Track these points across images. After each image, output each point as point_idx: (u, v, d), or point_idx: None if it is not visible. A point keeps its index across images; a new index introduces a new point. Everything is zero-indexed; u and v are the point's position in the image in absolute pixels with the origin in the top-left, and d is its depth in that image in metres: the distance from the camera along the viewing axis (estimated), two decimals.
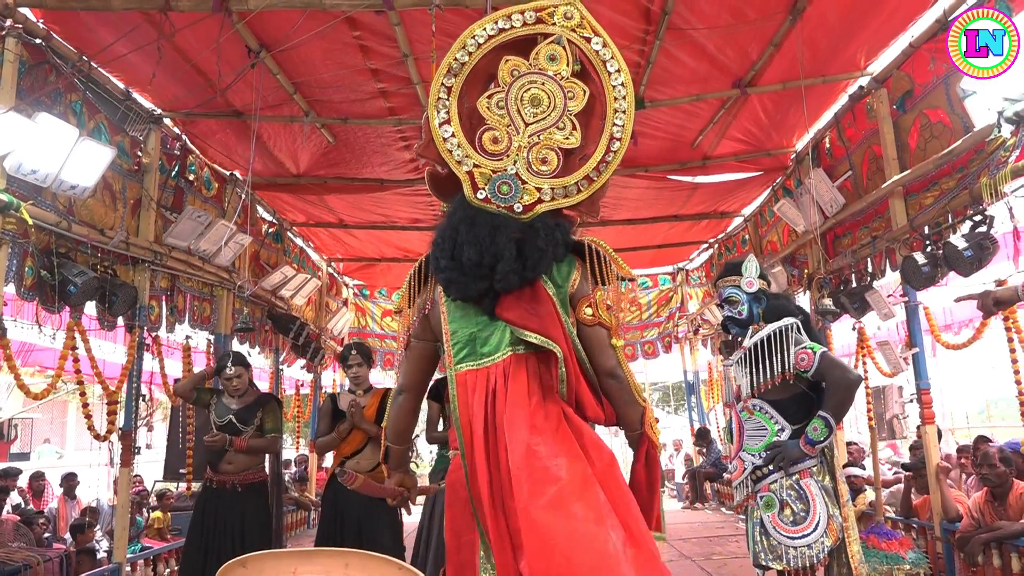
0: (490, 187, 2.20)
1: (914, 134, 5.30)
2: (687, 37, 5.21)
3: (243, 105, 5.89)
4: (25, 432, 18.66)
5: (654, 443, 2.27)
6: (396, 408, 2.49)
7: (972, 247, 4.49)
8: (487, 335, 2.22)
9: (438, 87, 2.24)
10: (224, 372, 4.86)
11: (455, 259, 2.18)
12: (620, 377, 2.23)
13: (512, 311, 2.19)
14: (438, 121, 2.23)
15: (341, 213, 8.66)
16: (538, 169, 2.22)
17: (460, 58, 2.24)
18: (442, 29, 4.43)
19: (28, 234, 4.25)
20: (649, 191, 8.07)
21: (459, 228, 2.19)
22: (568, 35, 2.26)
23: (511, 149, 2.22)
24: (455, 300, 2.25)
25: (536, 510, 1.94)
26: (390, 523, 4.78)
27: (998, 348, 5.15)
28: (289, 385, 10.75)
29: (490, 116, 2.24)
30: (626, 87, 2.26)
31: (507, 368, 2.18)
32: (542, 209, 2.22)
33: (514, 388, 2.15)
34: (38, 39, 4.39)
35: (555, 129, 2.23)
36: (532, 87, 2.24)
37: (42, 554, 5.13)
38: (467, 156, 2.22)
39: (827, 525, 3.18)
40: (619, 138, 2.25)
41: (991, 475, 4.83)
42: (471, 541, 2.15)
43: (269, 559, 2.08)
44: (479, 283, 2.17)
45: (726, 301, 3.61)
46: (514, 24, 2.26)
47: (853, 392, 3.31)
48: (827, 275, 6.81)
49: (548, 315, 2.17)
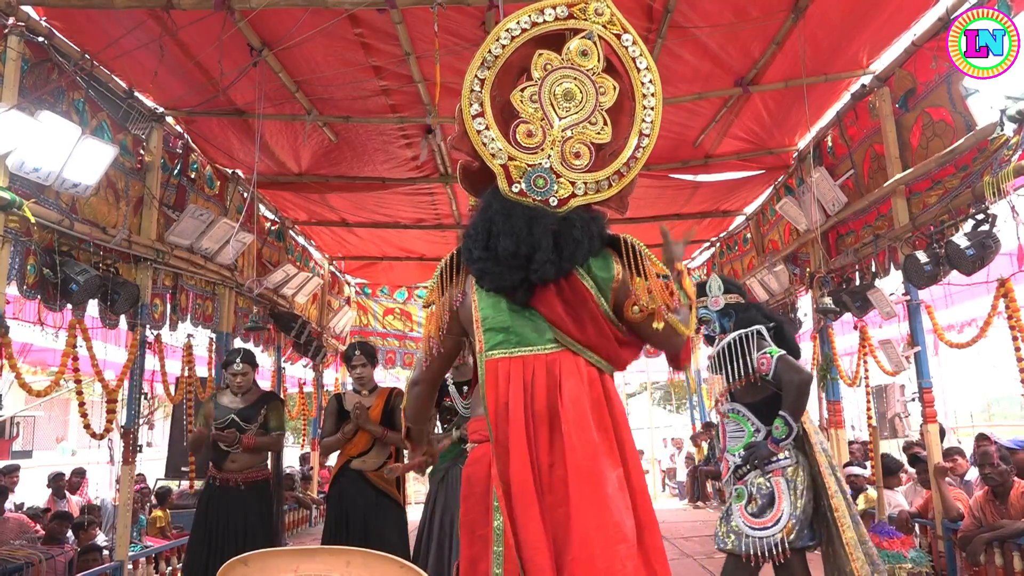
0: (526, 180, 2.21)
1: (916, 133, 5.30)
2: (689, 35, 5.21)
3: (245, 103, 5.89)
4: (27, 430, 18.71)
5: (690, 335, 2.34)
6: (412, 397, 2.58)
7: (974, 245, 4.48)
8: (522, 324, 2.21)
9: (472, 79, 2.24)
10: (232, 367, 4.87)
11: (489, 249, 2.17)
12: (678, 346, 2.33)
13: (548, 307, 2.20)
14: (472, 113, 2.22)
15: (343, 212, 8.66)
16: (571, 163, 2.23)
17: (494, 51, 2.24)
18: (444, 27, 4.43)
19: (30, 232, 4.26)
20: (651, 190, 8.06)
21: (495, 219, 2.19)
22: (600, 31, 2.27)
23: (545, 143, 2.23)
24: (488, 291, 2.25)
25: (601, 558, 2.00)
26: (396, 521, 4.78)
27: (1000, 347, 5.15)
28: (291, 383, 10.76)
29: (524, 109, 2.24)
30: (655, 84, 2.29)
31: (552, 362, 2.18)
32: (576, 203, 2.23)
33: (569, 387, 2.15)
34: (41, 37, 4.40)
35: (588, 124, 2.24)
36: (565, 81, 2.25)
37: (46, 551, 5.14)
38: (501, 149, 2.22)
39: (785, 523, 3.39)
40: (648, 134, 2.27)
41: (992, 474, 4.83)
42: (485, 536, 2.12)
43: (271, 557, 2.08)
44: (514, 273, 2.16)
45: (700, 321, 3.83)
46: (547, 18, 2.26)
47: (805, 391, 3.51)
48: (829, 274, 6.80)
49: (590, 319, 2.19)
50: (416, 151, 6.94)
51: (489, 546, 2.10)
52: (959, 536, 5.00)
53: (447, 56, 4.48)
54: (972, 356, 7.78)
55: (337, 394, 5.32)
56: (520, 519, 2.04)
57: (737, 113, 6.44)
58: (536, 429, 2.11)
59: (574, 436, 2.09)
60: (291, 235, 9.05)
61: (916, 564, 4.88)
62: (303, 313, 9.14)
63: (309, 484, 10.26)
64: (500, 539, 2.07)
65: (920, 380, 5.66)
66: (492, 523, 2.11)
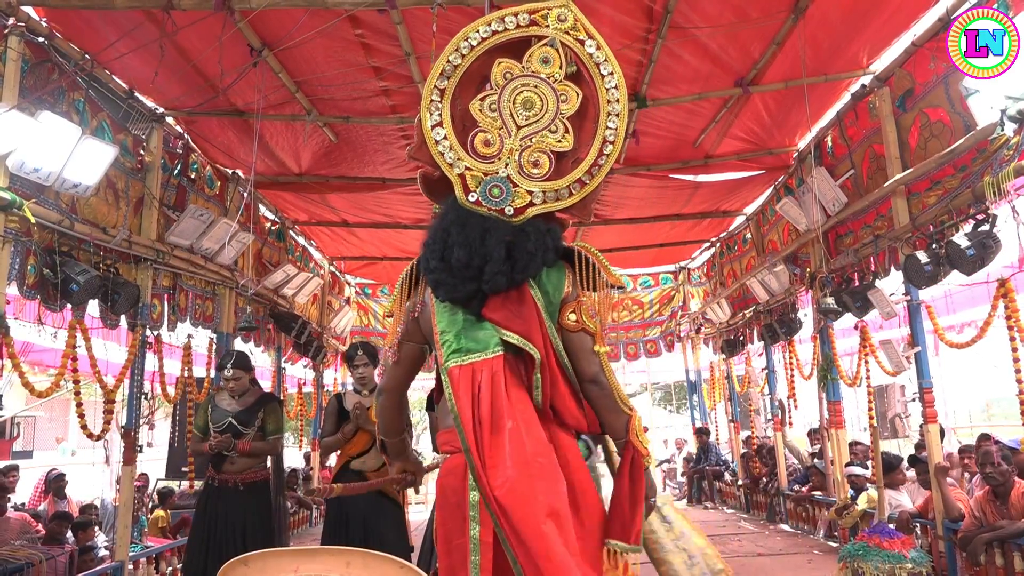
0: (481, 190, 2.21)
1: (914, 133, 5.30)
2: (689, 36, 5.21)
3: (245, 104, 5.89)
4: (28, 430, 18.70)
5: (640, 452, 2.22)
6: (379, 408, 2.59)
7: (975, 246, 4.48)
8: (474, 333, 2.22)
9: (431, 89, 2.26)
10: (223, 372, 4.87)
11: (444, 260, 2.19)
12: (603, 383, 2.21)
13: (497, 312, 2.20)
14: (430, 123, 2.25)
15: (343, 212, 8.66)
16: (530, 172, 2.22)
17: (453, 60, 2.26)
18: (444, 27, 4.43)
19: (31, 232, 4.26)
20: (651, 190, 8.06)
21: (450, 230, 2.20)
22: (562, 37, 2.25)
23: (503, 152, 2.23)
24: (444, 301, 2.25)
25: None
26: (395, 521, 4.77)
27: (1000, 347, 5.15)
28: (291, 384, 10.76)
29: (482, 118, 2.24)
30: (619, 90, 2.25)
31: (496, 368, 2.17)
32: (533, 212, 2.22)
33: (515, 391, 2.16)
34: (41, 37, 4.40)
35: (547, 132, 2.24)
36: (524, 90, 2.25)
37: (46, 552, 5.14)
38: (459, 159, 2.23)
39: None
40: (612, 141, 2.24)
41: (994, 474, 4.83)
42: (462, 545, 2.12)
43: (271, 557, 2.08)
44: (467, 285, 2.18)
45: None
46: (507, 26, 2.27)
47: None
48: (829, 274, 6.81)
49: (531, 318, 2.18)
50: None
51: (467, 556, 2.09)
52: (959, 536, 5.00)
53: None
54: (972, 356, 7.79)
55: (337, 394, 5.32)
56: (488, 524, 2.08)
57: (737, 113, 6.44)
58: (481, 436, 2.11)
59: (517, 439, 2.09)
60: (291, 235, 9.05)
61: (916, 564, 4.87)
62: (303, 313, 9.14)
63: (309, 484, 10.26)
64: (477, 548, 2.07)
65: (920, 380, 5.66)
66: (469, 532, 2.10)
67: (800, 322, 8.15)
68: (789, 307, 8.20)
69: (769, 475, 9.34)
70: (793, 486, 8.59)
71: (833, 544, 7.05)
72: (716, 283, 10.76)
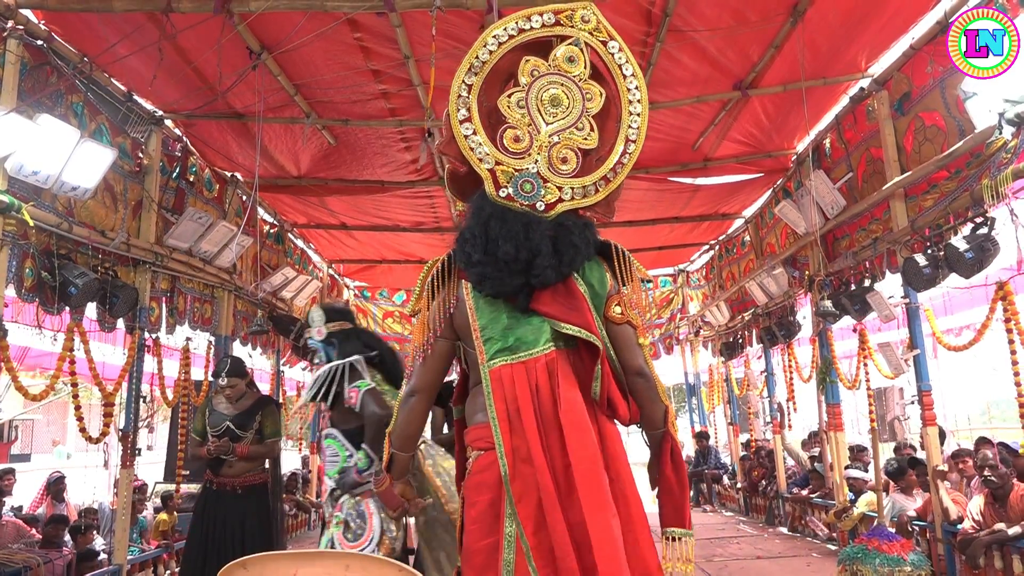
0: (512, 185, 2.22)
1: (909, 137, 5.31)
2: (688, 39, 5.21)
3: (244, 107, 5.89)
4: (26, 433, 18.68)
5: (677, 441, 2.30)
6: (407, 411, 2.39)
7: (973, 248, 4.49)
8: (521, 330, 2.21)
9: (459, 85, 2.25)
10: (219, 379, 4.87)
11: (489, 254, 2.17)
12: (648, 375, 2.26)
13: (550, 306, 2.19)
14: (459, 118, 2.24)
15: (342, 215, 8.66)
16: (558, 168, 2.24)
17: (481, 56, 2.26)
18: (443, 31, 4.43)
19: (29, 235, 4.26)
20: (650, 193, 8.07)
21: (490, 223, 2.19)
22: (586, 38, 2.29)
23: (532, 148, 2.24)
24: (486, 296, 2.24)
25: None
26: None
27: (999, 350, 5.15)
28: (290, 387, 10.74)
29: (511, 115, 2.25)
30: (640, 91, 2.30)
31: (551, 364, 2.17)
32: (562, 208, 2.23)
33: (566, 388, 2.15)
34: (39, 40, 4.40)
35: (574, 129, 2.26)
36: (552, 87, 2.27)
37: (44, 555, 5.13)
38: (489, 154, 2.22)
39: (380, 540, 3.42)
40: (634, 140, 2.29)
41: (993, 476, 4.83)
42: (494, 544, 2.09)
43: (270, 561, 2.08)
44: (515, 278, 2.17)
45: (310, 351, 4.06)
46: (533, 25, 2.29)
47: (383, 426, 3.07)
48: (827, 277, 6.81)
49: (586, 311, 2.18)
50: (415, 154, 6.94)
51: (498, 553, 2.07)
52: (959, 539, 5.00)
53: (446, 59, 4.48)
54: (971, 359, 7.79)
55: None
56: (550, 523, 2.03)
57: (736, 116, 6.45)
58: (547, 434, 2.11)
59: (575, 439, 2.08)
60: (290, 238, 9.05)
61: (916, 567, 4.88)
62: (302, 316, 9.12)
63: (308, 487, 10.25)
64: (512, 546, 2.06)
65: (919, 383, 5.67)
66: (504, 530, 2.08)
67: (799, 325, 8.15)
68: (788, 310, 8.20)
69: (768, 478, 9.33)
70: (792, 488, 8.59)
71: (832, 547, 7.04)
72: (715, 286, 10.77)
